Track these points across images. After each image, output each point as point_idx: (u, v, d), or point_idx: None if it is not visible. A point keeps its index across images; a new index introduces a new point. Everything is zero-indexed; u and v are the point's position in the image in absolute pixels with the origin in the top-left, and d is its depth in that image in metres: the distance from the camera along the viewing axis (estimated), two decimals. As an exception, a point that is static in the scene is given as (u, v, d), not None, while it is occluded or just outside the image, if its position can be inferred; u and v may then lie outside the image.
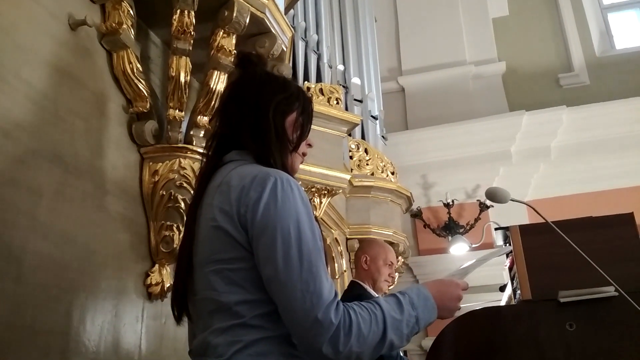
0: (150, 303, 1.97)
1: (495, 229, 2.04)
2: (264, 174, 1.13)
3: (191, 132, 2.05)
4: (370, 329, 1.06)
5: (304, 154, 1.33)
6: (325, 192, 3.47)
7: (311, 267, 1.05)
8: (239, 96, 1.28)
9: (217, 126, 1.31)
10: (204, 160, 1.31)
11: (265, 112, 1.23)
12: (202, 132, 2.08)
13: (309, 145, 1.35)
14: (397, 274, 4.57)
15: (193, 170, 1.99)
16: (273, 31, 2.20)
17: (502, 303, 2.31)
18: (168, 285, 2.00)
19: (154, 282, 1.96)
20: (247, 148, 1.23)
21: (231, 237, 1.10)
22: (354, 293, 2.63)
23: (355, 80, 4.76)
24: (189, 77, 2.01)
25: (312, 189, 3.36)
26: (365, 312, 1.08)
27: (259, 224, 1.08)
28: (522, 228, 1.87)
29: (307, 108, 1.32)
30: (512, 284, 2.00)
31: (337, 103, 3.75)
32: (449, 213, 5.22)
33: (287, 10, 2.64)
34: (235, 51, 2.08)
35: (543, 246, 1.80)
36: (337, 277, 3.82)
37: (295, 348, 1.10)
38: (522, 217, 4.43)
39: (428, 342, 4.07)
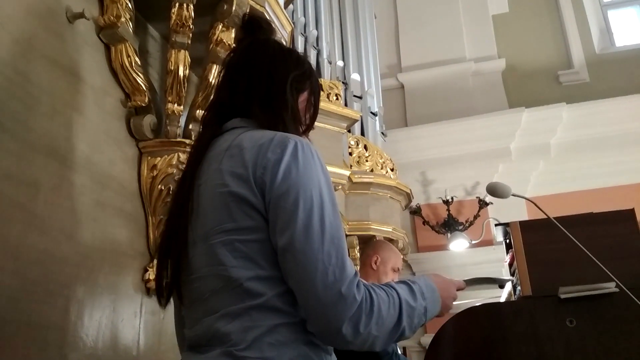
0: (149, 298, 1.96)
1: (496, 225, 2.04)
2: (282, 136, 1.03)
3: (190, 127, 2.04)
4: (389, 312, 0.98)
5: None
6: (325, 188, 3.44)
7: (333, 238, 0.96)
8: (249, 64, 1.17)
9: (217, 94, 1.21)
10: (201, 130, 1.20)
11: (282, 87, 1.14)
12: (201, 127, 2.07)
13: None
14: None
15: (192, 165, 1.98)
16: (272, 25, 2.18)
17: (502, 299, 2.30)
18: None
19: (152, 278, 1.95)
20: (255, 118, 1.12)
21: (246, 202, 0.99)
22: None
23: (355, 76, 4.74)
24: (187, 71, 2.00)
25: (311, 185, 3.34)
26: (383, 294, 0.99)
27: (278, 188, 0.97)
28: (523, 224, 1.87)
29: (317, 87, 1.24)
30: (512, 280, 2.00)
31: (337, 99, 3.74)
32: (448, 210, 5.22)
33: (286, 4, 2.63)
34: (234, 45, 2.07)
35: (543, 242, 1.80)
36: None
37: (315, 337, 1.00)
38: (521, 214, 4.43)
39: (427, 339, 4.06)
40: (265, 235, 0.99)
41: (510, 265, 1.98)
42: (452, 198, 5.23)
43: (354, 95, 4.62)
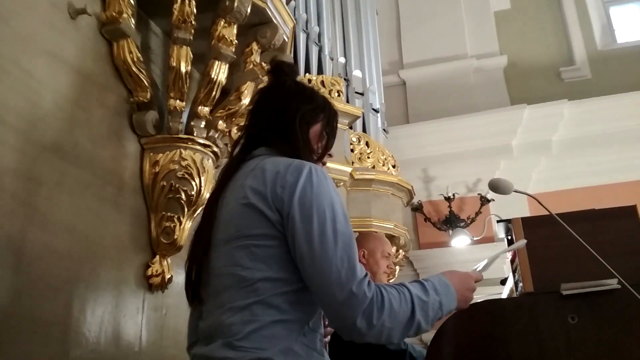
0: (151, 294, 1.96)
1: (498, 222, 2.03)
2: (299, 162, 1.19)
3: (192, 123, 2.04)
4: (401, 306, 1.10)
5: (323, 164, 1.38)
6: (326, 184, 3.44)
7: (345, 246, 1.10)
8: (268, 102, 1.35)
9: (246, 128, 1.38)
10: (231, 155, 1.38)
11: (292, 120, 1.29)
12: (203, 123, 2.07)
13: (330, 155, 1.40)
14: (397, 267, 4.58)
15: (194, 161, 1.98)
16: (274, 21, 2.18)
17: (504, 296, 2.30)
18: (169, 276, 1.99)
19: (154, 273, 1.96)
20: (276, 148, 1.28)
21: (262, 214, 1.14)
22: None
23: (357, 72, 4.73)
24: (189, 67, 2.00)
25: (313, 182, 3.34)
26: (394, 291, 1.12)
27: (296, 204, 1.12)
28: (525, 220, 1.87)
29: (332, 121, 1.39)
30: (514, 276, 2.00)
31: (339, 95, 3.74)
32: (449, 207, 5.21)
33: (288, 1, 2.63)
34: (236, 41, 2.07)
35: (545, 238, 1.79)
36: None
37: (306, 336, 1.13)
38: (523, 210, 4.42)
39: (429, 336, 4.07)
40: (276, 242, 1.13)
41: (512, 261, 1.98)
42: (453, 195, 5.22)
43: (356, 92, 4.61)
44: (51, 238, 1.54)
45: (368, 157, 4.34)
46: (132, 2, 1.92)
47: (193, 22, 1.97)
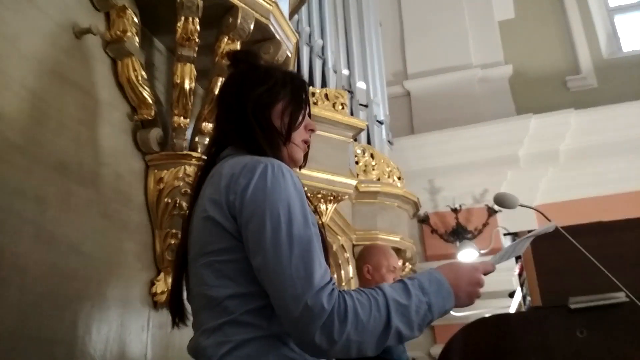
0: (156, 312, 1.95)
1: (504, 235, 2.03)
2: (254, 161, 1.08)
3: (196, 139, 2.05)
4: (371, 315, 0.96)
5: (305, 142, 1.25)
6: (331, 198, 3.45)
7: (302, 253, 0.98)
8: (224, 97, 1.26)
9: (214, 129, 1.30)
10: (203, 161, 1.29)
11: (244, 111, 1.19)
12: (207, 139, 2.08)
13: (311, 130, 1.27)
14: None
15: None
16: (277, 37, 2.19)
17: (512, 309, 2.29)
18: (174, 293, 1.99)
19: (159, 291, 1.95)
20: (238, 145, 1.19)
21: (220, 226, 1.05)
22: None
23: (361, 84, 4.75)
24: (193, 84, 2.00)
25: (318, 195, 3.34)
26: (364, 297, 0.98)
27: (247, 210, 1.02)
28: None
29: (298, 94, 1.24)
30: (522, 290, 1.99)
31: (343, 108, 3.74)
32: (456, 218, 5.19)
33: (291, 15, 2.64)
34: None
35: (553, 252, 1.78)
36: (343, 284, 3.79)
37: (291, 348, 1.03)
38: (530, 222, 4.39)
39: (437, 350, 4.02)
40: (239, 255, 1.04)
41: (520, 275, 1.97)
42: (460, 206, 5.21)
43: (360, 104, 4.63)
44: (56, 257, 1.54)
45: (373, 169, 4.34)
46: (137, 21, 1.93)
47: (197, 40, 1.98)
